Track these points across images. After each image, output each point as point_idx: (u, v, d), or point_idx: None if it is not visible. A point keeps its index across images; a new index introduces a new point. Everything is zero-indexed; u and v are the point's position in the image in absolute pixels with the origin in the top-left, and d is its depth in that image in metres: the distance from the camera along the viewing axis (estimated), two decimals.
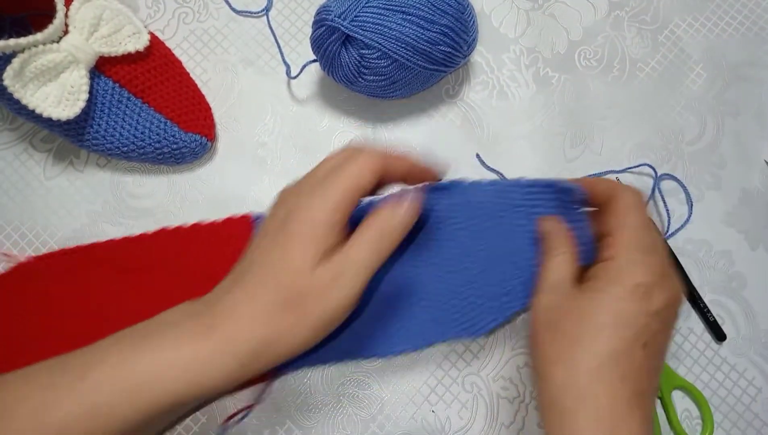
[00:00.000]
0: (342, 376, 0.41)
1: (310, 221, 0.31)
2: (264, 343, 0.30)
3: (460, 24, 0.40)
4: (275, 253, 0.31)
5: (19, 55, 0.36)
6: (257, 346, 0.30)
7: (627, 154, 0.46)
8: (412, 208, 0.32)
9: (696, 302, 0.42)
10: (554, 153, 0.45)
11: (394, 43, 0.38)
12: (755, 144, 0.46)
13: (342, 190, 0.31)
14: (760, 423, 0.41)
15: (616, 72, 0.48)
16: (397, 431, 0.40)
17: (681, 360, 0.42)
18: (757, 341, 0.42)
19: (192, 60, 0.47)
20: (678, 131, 0.46)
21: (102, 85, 0.41)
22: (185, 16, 0.48)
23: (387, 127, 0.46)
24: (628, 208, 0.34)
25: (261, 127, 0.45)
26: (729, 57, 0.48)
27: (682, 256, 0.43)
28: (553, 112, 0.46)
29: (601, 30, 0.48)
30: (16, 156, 0.44)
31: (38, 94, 0.38)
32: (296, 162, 0.45)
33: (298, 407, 0.40)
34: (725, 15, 0.49)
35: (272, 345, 0.30)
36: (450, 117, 0.46)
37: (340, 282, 0.30)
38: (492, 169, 0.45)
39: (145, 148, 0.42)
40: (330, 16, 0.39)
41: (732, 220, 0.45)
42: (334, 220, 0.31)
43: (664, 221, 0.44)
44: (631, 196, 0.35)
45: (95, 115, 0.41)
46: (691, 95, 0.47)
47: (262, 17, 0.48)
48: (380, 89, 0.42)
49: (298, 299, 0.30)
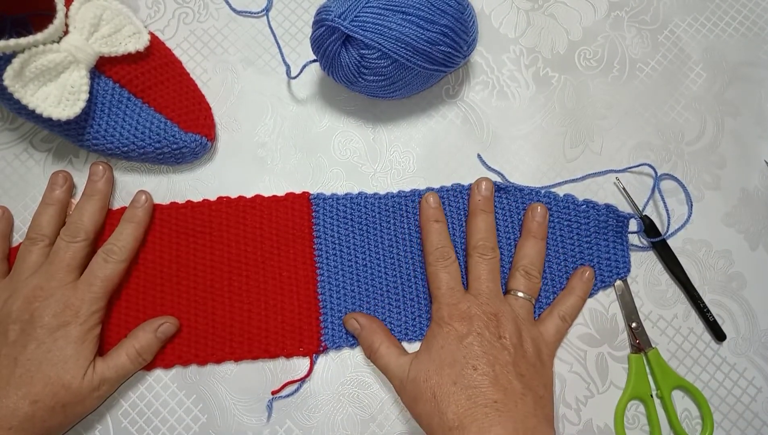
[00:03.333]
0: (342, 376, 0.41)
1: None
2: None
3: (460, 24, 0.40)
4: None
5: (20, 55, 0.36)
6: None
7: (627, 154, 0.46)
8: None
9: (696, 302, 0.42)
10: (554, 153, 0.45)
11: (394, 43, 0.38)
12: (755, 144, 0.46)
13: None
14: (759, 423, 0.41)
15: (616, 72, 0.48)
16: (397, 431, 0.40)
17: (681, 360, 0.42)
18: (757, 341, 0.42)
19: (192, 60, 0.47)
20: (678, 131, 0.46)
21: (102, 85, 0.41)
22: (185, 17, 0.48)
23: (387, 127, 0.46)
24: None
25: (261, 127, 0.45)
26: (729, 57, 0.48)
27: (682, 256, 0.43)
28: (553, 112, 0.46)
29: (601, 30, 0.49)
30: (16, 156, 0.44)
31: (38, 94, 0.38)
32: (296, 162, 0.45)
33: (298, 407, 0.40)
34: (725, 15, 0.49)
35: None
36: (450, 117, 0.46)
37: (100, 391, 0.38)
38: (493, 170, 0.45)
39: (145, 148, 0.42)
40: (330, 16, 0.39)
41: (732, 220, 0.45)
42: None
43: (664, 221, 0.44)
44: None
45: (95, 115, 0.41)
46: (691, 95, 0.47)
47: (262, 17, 0.48)
48: (380, 89, 0.42)
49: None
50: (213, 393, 0.40)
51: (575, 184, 0.45)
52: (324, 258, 0.42)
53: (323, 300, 0.42)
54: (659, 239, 0.43)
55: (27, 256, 0.40)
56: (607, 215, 0.42)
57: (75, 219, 0.41)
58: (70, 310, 0.37)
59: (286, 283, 0.42)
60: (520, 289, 0.40)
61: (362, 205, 0.43)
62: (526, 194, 0.43)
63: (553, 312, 0.41)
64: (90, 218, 0.41)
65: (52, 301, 0.37)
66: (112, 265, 0.39)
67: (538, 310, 0.42)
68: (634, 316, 0.42)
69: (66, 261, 0.39)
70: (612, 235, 0.43)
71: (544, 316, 0.41)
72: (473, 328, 0.37)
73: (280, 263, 0.42)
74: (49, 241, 0.40)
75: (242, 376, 0.41)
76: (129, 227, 0.41)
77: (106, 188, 0.42)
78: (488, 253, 0.40)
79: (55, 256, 0.39)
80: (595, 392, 0.41)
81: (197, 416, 0.40)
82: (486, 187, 0.42)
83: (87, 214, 0.41)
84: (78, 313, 0.37)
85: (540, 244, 0.42)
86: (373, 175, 0.45)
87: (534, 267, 0.41)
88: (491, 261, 0.40)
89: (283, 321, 0.41)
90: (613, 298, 0.43)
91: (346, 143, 0.45)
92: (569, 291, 0.42)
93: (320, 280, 0.42)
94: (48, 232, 0.40)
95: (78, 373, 0.37)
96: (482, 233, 0.41)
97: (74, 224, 0.40)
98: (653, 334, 0.42)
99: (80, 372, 0.37)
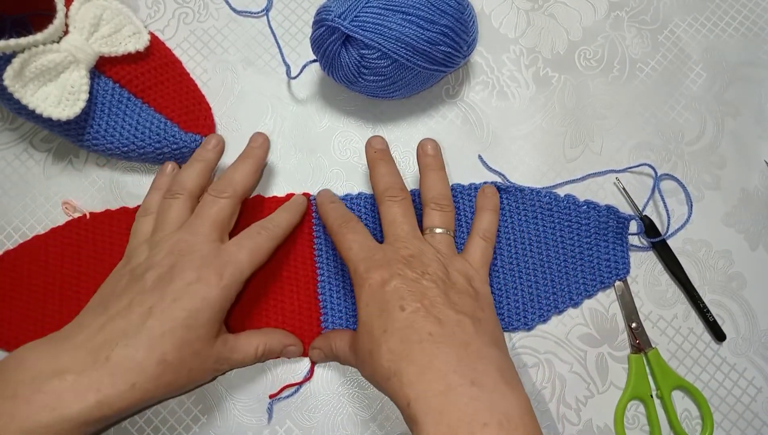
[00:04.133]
0: (342, 376, 0.41)
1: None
2: None
3: (460, 24, 0.40)
4: None
5: (20, 55, 0.36)
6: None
7: (627, 154, 0.46)
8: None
9: (696, 302, 0.42)
10: (554, 153, 0.45)
11: (394, 43, 0.38)
12: (755, 144, 0.46)
13: None
14: (759, 423, 0.41)
15: (616, 72, 0.48)
16: (397, 431, 0.40)
17: (681, 360, 0.42)
18: (757, 341, 0.42)
19: (192, 60, 0.47)
20: (678, 131, 0.46)
21: (102, 85, 0.41)
22: (185, 17, 0.48)
23: (387, 127, 0.46)
24: None
25: (261, 127, 0.45)
26: (729, 57, 0.48)
27: (682, 256, 0.43)
28: (553, 112, 0.46)
29: (601, 30, 0.49)
30: (16, 156, 0.44)
31: (38, 94, 0.38)
32: (296, 162, 0.45)
33: (298, 407, 0.40)
34: (725, 15, 0.49)
35: None
36: (450, 117, 0.46)
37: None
38: (494, 171, 0.45)
39: (145, 148, 0.42)
40: (330, 16, 0.39)
41: (732, 220, 0.45)
42: None
43: (664, 221, 0.44)
44: None
45: (95, 115, 0.41)
46: (691, 95, 0.47)
47: (262, 17, 0.48)
48: (380, 89, 0.42)
49: None
50: (213, 393, 0.40)
51: (575, 184, 0.45)
52: (324, 258, 0.42)
53: (323, 300, 0.42)
54: (659, 239, 0.43)
55: (167, 210, 0.38)
56: (607, 216, 0.42)
57: (226, 175, 0.40)
58: (213, 270, 0.35)
59: (286, 283, 0.42)
60: (435, 224, 0.39)
61: (362, 205, 0.43)
62: (527, 195, 0.43)
63: (473, 236, 0.40)
64: (241, 177, 0.40)
65: (196, 257, 0.35)
66: (263, 239, 0.38)
67: (537, 311, 0.42)
68: (634, 317, 0.42)
69: (211, 217, 0.37)
70: (612, 236, 0.43)
71: (467, 244, 0.40)
72: (394, 271, 0.34)
73: (280, 263, 0.42)
74: (189, 195, 0.39)
75: (242, 376, 0.41)
76: (285, 213, 0.41)
77: (262, 155, 0.42)
78: (399, 193, 0.39)
79: (200, 211, 0.38)
80: (595, 392, 0.41)
81: (197, 416, 0.40)
82: (379, 141, 0.41)
83: (239, 173, 0.40)
84: (222, 275, 0.35)
85: (440, 174, 0.40)
86: None
87: (443, 197, 0.39)
88: (403, 202, 0.39)
89: (283, 321, 0.41)
90: (613, 298, 0.43)
91: (346, 143, 0.45)
92: (480, 210, 0.41)
93: (320, 280, 0.42)
94: (189, 186, 0.39)
95: (209, 342, 0.35)
96: (386, 178, 0.40)
97: (224, 180, 0.39)
98: (653, 334, 0.42)
99: (211, 341, 0.35)
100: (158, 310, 0.33)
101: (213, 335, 0.35)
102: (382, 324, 0.33)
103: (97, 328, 0.33)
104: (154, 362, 0.32)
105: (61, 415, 0.30)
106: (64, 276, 0.41)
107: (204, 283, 0.34)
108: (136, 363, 0.32)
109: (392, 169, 0.41)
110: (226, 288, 0.35)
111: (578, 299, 0.42)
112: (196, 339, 0.34)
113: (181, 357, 0.33)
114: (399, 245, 0.37)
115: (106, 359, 0.32)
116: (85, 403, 0.30)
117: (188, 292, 0.34)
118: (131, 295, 0.34)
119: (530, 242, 0.43)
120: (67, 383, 0.31)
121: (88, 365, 0.31)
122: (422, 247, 0.37)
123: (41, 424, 0.29)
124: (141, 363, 0.32)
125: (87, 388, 0.31)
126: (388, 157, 0.41)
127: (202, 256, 0.35)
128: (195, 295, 0.34)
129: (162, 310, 0.33)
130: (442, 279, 0.35)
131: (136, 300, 0.34)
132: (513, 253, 0.43)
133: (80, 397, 0.30)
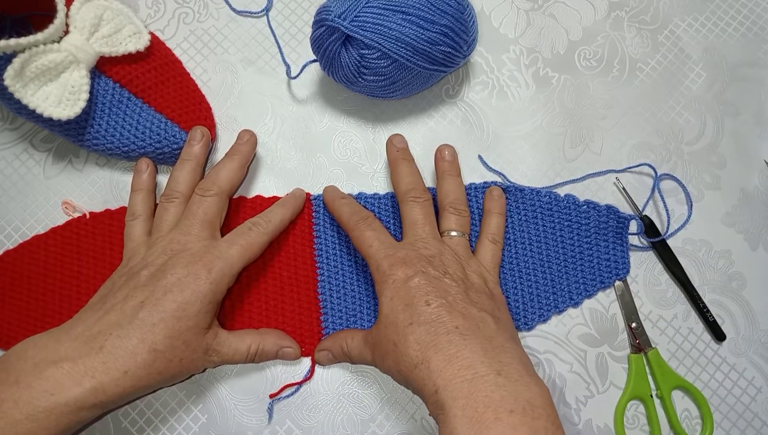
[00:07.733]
0: (342, 376, 0.41)
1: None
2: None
3: (460, 24, 0.40)
4: None
5: (20, 55, 0.36)
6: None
7: (627, 154, 0.46)
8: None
9: (696, 302, 0.42)
10: (554, 153, 0.45)
11: (394, 43, 0.38)
12: (755, 144, 0.46)
13: None
14: (759, 423, 0.41)
15: (615, 72, 0.48)
16: (397, 431, 0.40)
17: (681, 360, 0.42)
18: (757, 341, 0.42)
19: (192, 60, 0.47)
20: (678, 131, 0.46)
21: (102, 85, 0.41)
22: (185, 16, 0.48)
23: (387, 127, 0.46)
24: None
25: (261, 127, 0.45)
26: (729, 57, 0.48)
27: (682, 256, 0.43)
28: (553, 112, 0.46)
29: (601, 30, 0.49)
30: (16, 156, 0.44)
31: (39, 94, 0.38)
32: (296, 162, 0.45)
33: (298, 407, 0.40)
34: (725, 15, 0.49)
35: None
36: (450, 117, 0.46)
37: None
38: (494, 171, 0.45)
39: (145, 148, 0.42)
40: (330, 16, 0.39)
41: (731, 220, 0.45)
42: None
43: (663, 221, 0.44)
44: None
45: (95, 115, 0.41)
46: (691, 95, 0.47)
47: (262, 17, 0.48)
48: (380, 89, 0.42)
49: None
50: (213, 393, 0.40)
51: (575, 184, 0.45)
52: (324, 258, 0.42)
53: (323, 300, 0.42)
54: (659, 239, 0.43)
55: (164, 214, 0.40)
56: (607, 216, 0.42)
57: (212, 173, 0.41)
58: (202, 265, 0.36)
59: (286, 283, 0.42)
60: (452, 228, 0.40)
61: (362, 205, 0.43)
62: (527, 194, 0.43)
63: (483, 239, 0.41)
64: (226, 174, 0.41)
65: (187, 254, 0.37)
66: (255, 235, 0.39)
67: (537, 311, 0.42)
68: (634, 316, 0.42)
69: (199, 216, 0.39)
70: (612, 236, 0.43)
71: (477, 247, 0.41)
72: (417, 269, 0.36)
73: (280, 263, 0.42)
74: (183, 197, 0.40)
75: (242, 376, 0.41)
76: (279, 208, 0.41)
77: (248, 151, 0.43)
78: (421, 195, 0.40)
79: (189, 211, 0.39)
80: (595, 392, 0.41)
81: (197, 416, 0.40)
82: (400, 140, 0.43)
83: (224, 170, 0.41)
84: (211, 270, 0.36)
85: (457, 180, 0.42)
86: (373, 175, 0.45)
87: (459, 202, 0.41)
88: (425, 204, 0.40)
89: (283, 321, 0.41)
90: (613, 298, 0.43)
91: (346, 143, 0.45)
92: (488, 213, 0.42)
93: (320, 280, 0.42)
94: (183, 188, 0.40)
95: (199, 333, 0.36)
96: (408, 177, 0.41)
97: (208, 178, 0.41)
98: (653, 334, 0.42)
99: (201, 333, 0.36)
100: (150, 303, 0.35)
101: (203, 327, 0.36)
102: (407, 317, 0.34)
103: (93, 321, 0.35)
104: (145, 350, 0.34)
105: (59, 400, 0.32)
106: (64, 276, 0.41)
107: (193, 277, 0.36)
108: (129, 351, 0.34)
109: (414, 169, 0.42)
110: (215, 282, 0.36)
111: (578, 299, 0.42)
112: (186, 330, 0.35)
113: (171, 346, 0.35)
114: (420, 245, 0.38)
115: (100, 348, 0.34)
116: (81, 388, 0.32)
117: (178, 285, 0.36)
118: (126, 291, 0.36)
119: (530, 242, 0.43)
120: (64, 370, 0.33)
121: (84, 354, 0.33)
122: (441, 248, 0.38)
123: (41, 408, 0.31)
124: (133, 351, 0.34)
125: (83, 375, 0.33)
126: (410, 157, 0.42)
127: (192, 254, 0.37)
128: (185, 287, 0.36)
129: (153, 302, 0.35)
130: (462, 279, 0.37)
131: (130, 295, 0.36)
132: (513, 253, 0.43)
133: (76, 383, 0.32)
